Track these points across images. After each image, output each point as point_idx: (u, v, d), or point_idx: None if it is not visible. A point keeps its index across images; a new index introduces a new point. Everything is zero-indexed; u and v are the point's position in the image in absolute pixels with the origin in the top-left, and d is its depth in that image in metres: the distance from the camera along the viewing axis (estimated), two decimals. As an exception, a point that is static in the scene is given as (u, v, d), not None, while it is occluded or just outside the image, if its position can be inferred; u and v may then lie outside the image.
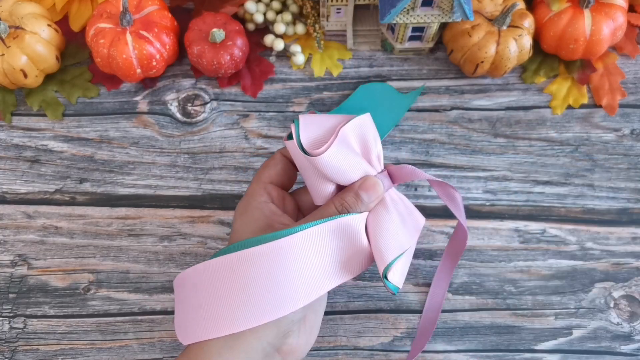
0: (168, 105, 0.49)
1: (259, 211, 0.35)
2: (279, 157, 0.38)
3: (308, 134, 0.33)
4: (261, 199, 0.36)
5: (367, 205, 0.34)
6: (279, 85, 0.50)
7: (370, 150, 0.34)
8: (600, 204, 0.46)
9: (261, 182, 0.37)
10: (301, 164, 0.34)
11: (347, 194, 0.34)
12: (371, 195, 0.33)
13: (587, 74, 0.49)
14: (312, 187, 0.35)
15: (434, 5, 0.44)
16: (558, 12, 0.47)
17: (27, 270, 0.44)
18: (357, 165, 0.34)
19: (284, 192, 0.38)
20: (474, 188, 0.47)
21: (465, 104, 0.49)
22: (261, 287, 0.31)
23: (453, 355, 0.42)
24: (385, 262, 0.32)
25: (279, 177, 0.37)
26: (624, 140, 0.48)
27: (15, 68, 0.46)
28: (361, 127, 0.34)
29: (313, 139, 0.33)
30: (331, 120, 0.35)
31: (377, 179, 0.34)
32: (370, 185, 0.34)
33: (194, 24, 0.48)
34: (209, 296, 0.32)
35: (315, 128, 0.34)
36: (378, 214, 0.34)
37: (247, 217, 0.35)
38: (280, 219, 0.35)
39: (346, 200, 0.33)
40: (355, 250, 0.33)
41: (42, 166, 0.47)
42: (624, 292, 0.44)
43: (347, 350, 0.43)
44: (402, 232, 0.34)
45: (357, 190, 0.34)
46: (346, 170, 0.33)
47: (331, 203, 0.34)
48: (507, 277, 0.44)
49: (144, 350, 0.43)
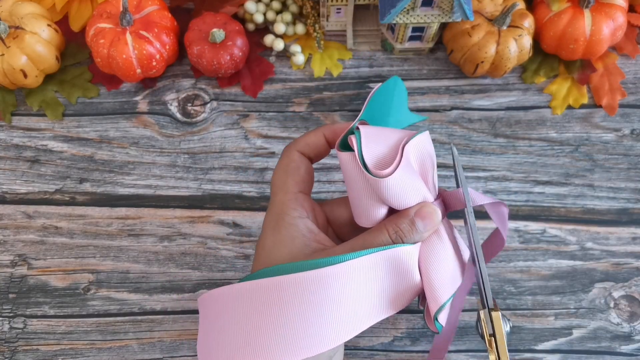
0: (168, 105, 0.49)
1: (295, 228, 0.31)
2: (299, 158, 0.34)
3: (370, 149, 0.30)
4: (295, 213, 0.32)
5: (422, 235, 0.30)
6: (279, 85, 0.50)
7: (427, 173, 0.31)
8: (600, 204, 0.46)
9: (290, 193, 0.33)
10: (352, 180, 0.31)
11: (401, 220, 0.30)
12: (427, 224, 0.30)
13: (587, 74, 0.49)
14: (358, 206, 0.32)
15: (434, 5, 0.44)
16: (558, 12, 0.47)
17: (27, 270, 0.44)
18: (417, 189, 0.30)
19: (314, 202, 0.34)
20: (473, 188, 0.47)
21: (465, 104, 0.49)
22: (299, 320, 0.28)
23: (453, 355, 0.42)
24: (439, 303, 0.29)
25: (305, 183, 0.34)
26: (624, 140, 0.48)
27: (15, 68, 0.46)
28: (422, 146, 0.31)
29: (376, 157, 0.30)
30: (392, 135, 0.31)
31: (435, 207, 0.31)
32: (428, 213, 0.30)
33: (194, 24, 0.48)
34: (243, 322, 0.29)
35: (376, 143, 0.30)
36: (432, 246, 0.31)
37: (281, 234, 0.31)
38: (318, 238, 0.32)
39: (401, 227, 0.30)
40: (406, 286, 0.30)
41: (42, 166, 0.47)
42: (624, 292, 0.44)
43: (347, 350, 0.43)
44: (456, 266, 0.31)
45: (412, 217, 0.30)
46: (406, 195, 0.30)
47: (383, 229, 0.31)
48: (507, 277, 0.44)
49: (144, 350, 0.43)
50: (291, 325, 0.28)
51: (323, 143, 0.34)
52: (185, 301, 0.44)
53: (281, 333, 0.28)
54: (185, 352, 0.42)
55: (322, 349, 0.28)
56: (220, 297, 0.31)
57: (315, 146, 0.34)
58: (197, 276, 0.44)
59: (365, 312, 0.29)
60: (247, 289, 0.29)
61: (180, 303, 0.44)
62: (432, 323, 0.30)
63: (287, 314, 0.28)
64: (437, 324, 0.30)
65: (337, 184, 0.47)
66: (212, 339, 0.30)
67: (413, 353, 0.42)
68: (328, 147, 0.35)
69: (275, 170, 0.34)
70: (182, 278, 0.44)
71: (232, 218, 0.46)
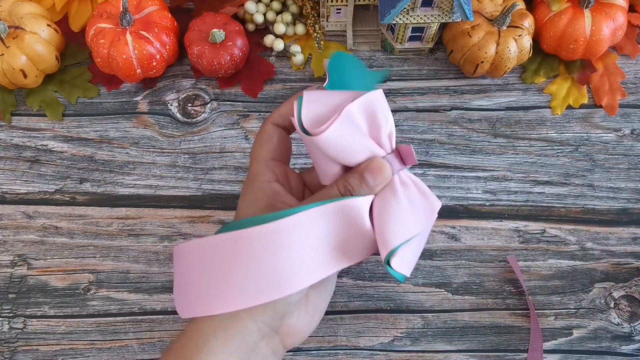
0: (168, 106, 0.49)
1: (262, 191, 0.34)
2: (272, 128, 0.36)
3: (310, 111, 0.31)
4: (264, 178, 0.34)
5: (373, 188, 0.32)
6: (279, 86, 0.50)
7: (380, 130, 0.32)
8: (600, 204, 0.46)
9: (262, 160, 0.35)
10: (306, 142, 0.33)
11: (351, 175, 0.32)
12: (377, 178, 0.31)
13: (587, 74, 0.49)
14: (318, 166, 0.34)
15: (433, 6, 0.44)
16: (558, 12, 0.47)
17: (27, 271, 0.44)
18: (363, 145, 0.31)
19: (287, 168, 0.36)
20: (473, 188, 0.47)
21: (465, 104, 0.49)
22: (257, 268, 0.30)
23: (453, 355, 0.42)
24: (389, 248, 0.30)
25: (277, 150, 0.36)
26: (624, 140, 0.48)
27: (14, 68, 0.46)
28: (370, 104, 0.32)
29: (315, 117, 0.31)
30: (338, 97, 0.32)
31: (384, 161, 0.32)
32: (376, 167, 0.31)
33: (194, 24, 0.48)
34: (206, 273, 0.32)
35: (319, 105, 0.32)
36: (384, 198, 0.32)
37: (249, 197, 0.34)
38: (283, 198, 0.34)
39: (350, 182, 0.32)
40: (356, 235, 0.31)
41: (42, 166, 0.47)
42: (624, 292, 0.44)
43: (347, 350, 0.43)
44: (411, 217, 0.32)
45: (362, 172, 0.32)
46: (350, 150, 0.31)
47: (334, 184, 0.32)
48: (507, 277, 0.44)
49: (144, 350, 0.43)
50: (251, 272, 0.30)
51: None
52: (185, 301, 0.44)
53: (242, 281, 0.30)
54: (185, 352, 0.42)
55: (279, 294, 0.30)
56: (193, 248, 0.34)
57: (287, 116, 0.36)
58: (197, 276, 0.44)
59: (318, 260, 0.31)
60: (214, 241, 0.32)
61: (180, 303, 0.44)
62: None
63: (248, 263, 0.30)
64: (391, 269, 0.30)
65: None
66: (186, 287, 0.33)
67: (413, 353, 0.42)
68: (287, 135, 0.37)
69: (253, 144, 0.37)
70: (182, 278, 0.44)
71: (232, 218, 0.46)
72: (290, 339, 0.34)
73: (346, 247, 0.31)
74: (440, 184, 0.47)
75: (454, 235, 0.45)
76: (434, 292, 0.44)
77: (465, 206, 0.46)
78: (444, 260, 0.45)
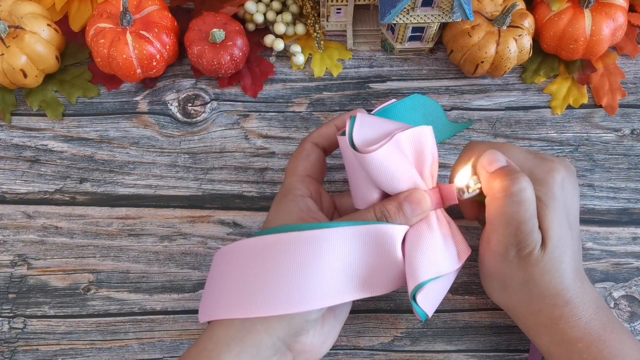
0: (168, 105, 0.49)
1: (294, 204, 0.34)
2: (310, 147, 0.36)
3: (362, 133, 0.31)
4: (298, 192, 0.34)
5: (409, 219, 0.31)
6: (279, 86, 0.50)
7: (424, 164, 0.32)
8: (600, 204, 0.46)
9: (298, 175, 0.35)
10: (349, 163, 0.33)
11: (389, 202, 0.32)
12: (415, 209, 0.31)
13: (587, 74, 0.49)
14: (355, 189, 0.33)
15: (434, 6, 0.44)
16: (558, 12, 0.47)
17: (27, 270, 0.44)
18: (407, 174, 0.31)
19: (321, 187, 0.37)
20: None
21: (465, 104, 0.49)
22: (282, 277, 0.30)
23: (453, 355, 0.42)
24: (417, 281, 0.30)
25: (314, 168, 0.36)
26: (624, 140, 0.48)
27: (15, 68, 0.46)
28: (419, 138, 0.32)
29: (366, 139, 0.31)
30: (389, 125, 0.32)
31: (425, 194, 0.32)
32: (417, 198, 0.31)
33: (194, 24, 0.48)
34: (229, 276, 0.31)
35: (371, 129, 0.32)
36: (420, 231, 0.31)
37: (281, 208, 0.34)
38: (315, 215, 0.33)
39: (387, 208, 0.31)
40: (385, 263, 0.31)
41: (42, 166, 0.47)
42: (624, 292, 0.44)
43: (347, 350, 0.43)
44: (442, 255, 0.31)
45: (401, 201, 0.31)
46: (394, 177, 0.31)
47: (371, 208, 0.32)
48: (507, 277, 0.44)
49: (144, 350, 0.43)
50: (272, 283, 0.30)
51: (335, 132, 0.37)
52: (185, 301, 0.44)
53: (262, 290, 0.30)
54: (185, 352, 0.42)
55: (298, 309, 0.29)
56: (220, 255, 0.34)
57: (327, 136, 0.36)
58: (198, 276, 0.44)
59: (342, 283, 0.30)
60: (242, 246, 0.33)
61: (180, 303, 0.44)
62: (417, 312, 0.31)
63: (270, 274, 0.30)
64: (415, 304, 0.30)
65: (337, 183, 0.47)
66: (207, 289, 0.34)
67: (413, 353, 0.42)
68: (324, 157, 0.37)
69: (290, 159, 0.37)
70: (183, 278, 0.44)
71: (233, 218, 0.46)
72: (302, 357, 0.33)
73: (373, 275, 0.31)
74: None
75: (454, 235, 0.45)
76: (434, 292, 0.44)
77: (465, 206, 0.46)
78: (444, 260, 0.45)
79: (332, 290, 0.30)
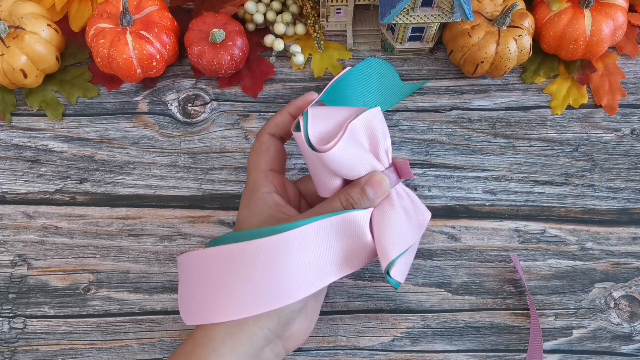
0: (168, 106, 0.49)
1: (263, 202, 0.35)
2: (268, 139, 0.37)
3: (316, 127, 0.33)
4: (264, 189, 0.36)
5: (373, 201, 0.33)
6: (279, 86, 0.50)
7: (378, 145, 0.34)
8: (600, 204, 0.46)
9: (261, 171, 0.37)
10: (308, 156, 0.34)
11: (352, 189, 0.34)
12: (377, 192, 0.33)
13: (587, 74, 0.49)
14: (317, 179, 0.35)
15: (433, 6, 0.44)
16: (558, 12, 0.47)
17: (27, 270, 0.44)
18: (365, 160, 0.33)
19: (284, 178, 0.38)
20: (473, 188, 0.47)
21: (465, 104, 0.49)
22: (265, 278, 0.31)
23: (453, 355, 0.42)
24: (389, 259, 0.32)
25: (275, 161, 0.37)
26: (624, 140, 0.48)
27: (15, 68, 0.46)
28: (370, 121, 0.34)
29: (321, 133, 0.33)
30: (341, 113, 0.34)
31: (383, 175, 0.34)
32: (377, 181, 0.33)
33: (194, 24, 0.48)
34: (215, 282, 0.33)
35: (324, 121, 0.34)
36: (383, 210, 0.34)
37: (251, 208, 0.36)
38: (284, 209, 0.35)
39: (351, 195, 0.33)
40: (358, 246, 0.33)
41: (42, 166, 0.47)
42: (624, 292, 0.44)
43: (347, 350, 0.43)
44: (407, 228, 0.34)
45: (363, 186, 0.33)
46: (353, 166, 0.33)
47: (336, 197, 0.34)
48: (507, 277, 0.44)
49: (144, 350, 0.43)
50: (259, 282, 0.31)
51: (289, 120, 0.38)
52: (185, 301, 0.44)
53: (251, 290, 0.32)
54: (185, 352, 0.42)
55: (286, 302, 0.31)
56: (199, 258, 0.35)
57: (282, 125, 0.38)
58: (197, 276, 0.44)
59: (322, 269, 0.32)
60: (220, 252, 0.33)
61: (180, 303, 0.44)
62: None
63: (256, 274, 0.32)
64: (390, 279, 0.33)
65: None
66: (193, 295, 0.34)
67: (413, 353, 0.42)
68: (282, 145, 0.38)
69: (250, 152, 0.38)
70: (182, 278, 0.44)
71: (232, 218, 0.46)
72: (291, 343, 0.36)
73: (348, 257, 0.33)
74: (440, 184, 0.47)
75: (454, 235, 0.45)
76: (434, 292, 0.44)
77: (465, 206, 0.46)
78: (444, 260, 0.45)
79: (311, 279, 0.32)
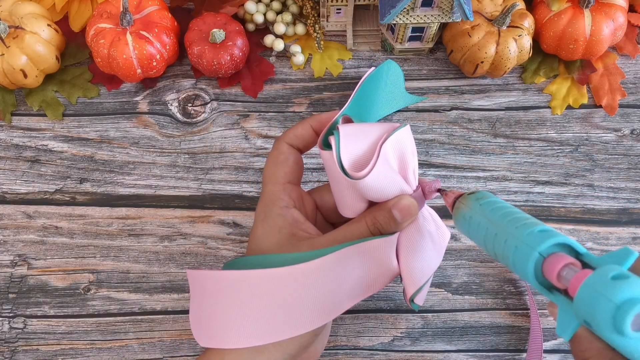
0: (168, 106, 0.49)
1: (282, 218, 0.34)
2: (287, 150, 0.36)
3: (349, 150, 0.32)
4: (282, 203, 0.34)
5: (400, 226, 0.32)
6: (279, 86, 0.50)
7: (407, 167, 0.33)
8: (600, 204, 0.46)
9: (279, 184, 0.35)
10: (333, 176, 0.33)
11: (380, 212, 0.32)
12: (404, 216, 0.32)
13: (587, 74, 0.49)
14: (341, 200, 0.34)
15: (433, 6, 0.44)
16: (558, 12, 0.47)
17: (27, 270, 0.44)
18: (394, 183, 0.32)
19: (302, 191, 0.36)
20: (473, 188, 0.47)
21: (465, 104, 0.49)
22: (288, 306, 0.31)
23: (453, 355, 0.42)
24: (416, 287, 0.32)
25: (293, 173, 0.35)
26: (624, 140, 0.48)
27: (15, 68, 0.46)
28: (401, 142, 0.32)
29: (354, 156, 0.32)
30: (372, 132, 0.33)
31: (412, 200, 0.32)
32: (405, 206, 0.32)
33: (194, 24, 0.48)
34: (236, 306, 0.32)
35: (355, 141, 0.32)
36: (411, 236, 0.33)
37: (269, 224, 0.34)
38: (303, 226, 0.34)
39: (379, 219, 0.32)
40: (382, 271, 0.32)
41: (42, 166, 0.47)
42: (624, 292, 0.44)
43: (347, 350, 0.43)
44: (432, 253, 0.33)
45: (390, 210, 0.32)
46: (384, 189, 0.32)
47: (362, 220, 0.33)
48: (507, 277, 0.44)
49: (144, 350, 0.43)
50: (281, 310, 0.31)
51: (310, 134, 0.36)
52: (185, 301, 0.44)
53: (273, 317, 0.31)
54: (185, 352, 0.42)
55: (309, 328, 0.31)
56: (217, 279, 0.33)
57: (302, 138, 0.36)
58: (197, 276, 0.44)
59: (345, 295, 0.32)
60: (241, 276, 0.32)
61: (180, 303, 0.44)
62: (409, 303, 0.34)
63: (279, 302, 0.31)
64: (414, 304, 0.33)
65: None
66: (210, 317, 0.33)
67: (413, 353, 0.42)
68: (316, 137, 0.36)
69: (266, 162, 0.36)
70: (183, 278, 0.44)
71: (233, 218, 0.46)
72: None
73: (369, 284, 0.32)
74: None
75: (453, 235, 0.45)
76: (434, 292, 0.44)
77: (465, 206, 0.46)
78: (444, 260, 0.45)
79: (337, 304, 0.31)
